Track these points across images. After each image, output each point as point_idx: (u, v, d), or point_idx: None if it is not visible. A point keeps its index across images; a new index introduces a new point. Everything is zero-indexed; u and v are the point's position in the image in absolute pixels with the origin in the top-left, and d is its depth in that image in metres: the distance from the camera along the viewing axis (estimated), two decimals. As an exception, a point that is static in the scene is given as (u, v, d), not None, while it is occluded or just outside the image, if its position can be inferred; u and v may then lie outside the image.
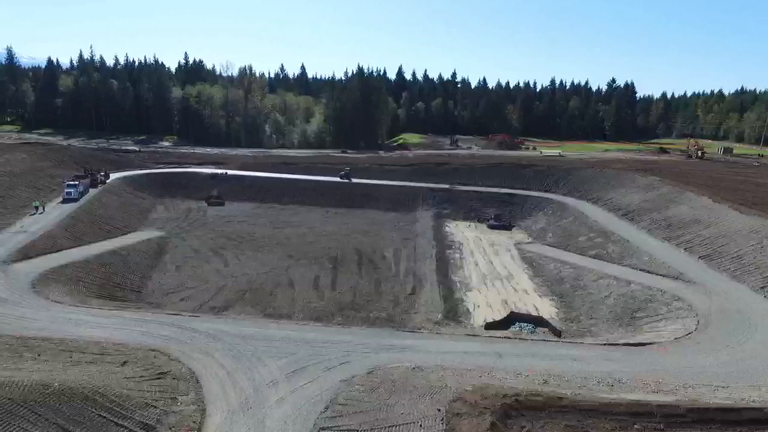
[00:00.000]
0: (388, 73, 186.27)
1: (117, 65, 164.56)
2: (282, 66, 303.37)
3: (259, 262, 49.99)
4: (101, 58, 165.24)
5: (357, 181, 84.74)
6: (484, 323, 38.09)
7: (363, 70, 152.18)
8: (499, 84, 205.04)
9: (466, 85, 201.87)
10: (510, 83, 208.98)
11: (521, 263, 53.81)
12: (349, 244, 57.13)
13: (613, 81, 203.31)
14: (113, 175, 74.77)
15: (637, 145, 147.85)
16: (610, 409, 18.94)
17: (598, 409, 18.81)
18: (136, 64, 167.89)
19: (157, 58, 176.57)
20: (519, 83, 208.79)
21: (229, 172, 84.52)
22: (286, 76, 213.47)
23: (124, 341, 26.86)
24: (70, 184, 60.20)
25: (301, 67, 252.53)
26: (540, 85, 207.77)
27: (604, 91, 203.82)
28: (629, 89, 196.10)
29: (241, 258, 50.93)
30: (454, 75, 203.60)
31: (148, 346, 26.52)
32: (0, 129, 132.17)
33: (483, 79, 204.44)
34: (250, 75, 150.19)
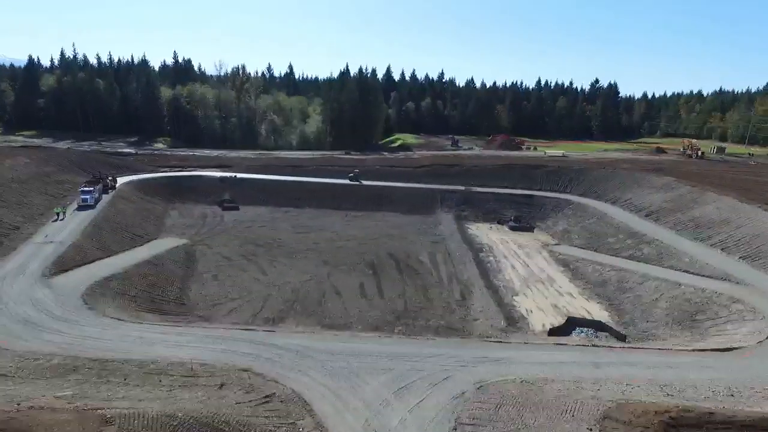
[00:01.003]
0: (377, 74, 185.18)
1: (101, 64, 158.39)
2: (269, 66, 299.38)
3: (297, 269, 48.47)
4: (84, 56, 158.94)
5: (367, 183, 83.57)
6: (547, 329, 37.73)
7: (361, 70, 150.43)
8: (483, 84, 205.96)
9: (453, 85, 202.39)
10: (497, 83, 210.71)
11: (556, 265, 53.68)
12: (380, 249, 56.06)
13: (597, 81, 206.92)
14: (119, 180, 71.76)
15: (630, 145, 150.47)
16: (766, 425, 18.51)
17: (756, 425, 18.39)
18: (122, 63, 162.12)
19: (144, 57, 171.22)
20: (506, 83, 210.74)
21: (238, 175, 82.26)
22: (273, 76, 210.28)
23: (208, 361, 25.38)
24: (84, 190, 57.25)
25: (289, 66, 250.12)
26: (526, 86, 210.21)
27: (588, 91, 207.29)
28: (612, 89, 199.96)
29: (277, 266, 49.34)
30: (442, 75, 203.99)
31: (236, 365, 25.13)
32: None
33: (471, 79, 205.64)
34: (243, 75, 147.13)
